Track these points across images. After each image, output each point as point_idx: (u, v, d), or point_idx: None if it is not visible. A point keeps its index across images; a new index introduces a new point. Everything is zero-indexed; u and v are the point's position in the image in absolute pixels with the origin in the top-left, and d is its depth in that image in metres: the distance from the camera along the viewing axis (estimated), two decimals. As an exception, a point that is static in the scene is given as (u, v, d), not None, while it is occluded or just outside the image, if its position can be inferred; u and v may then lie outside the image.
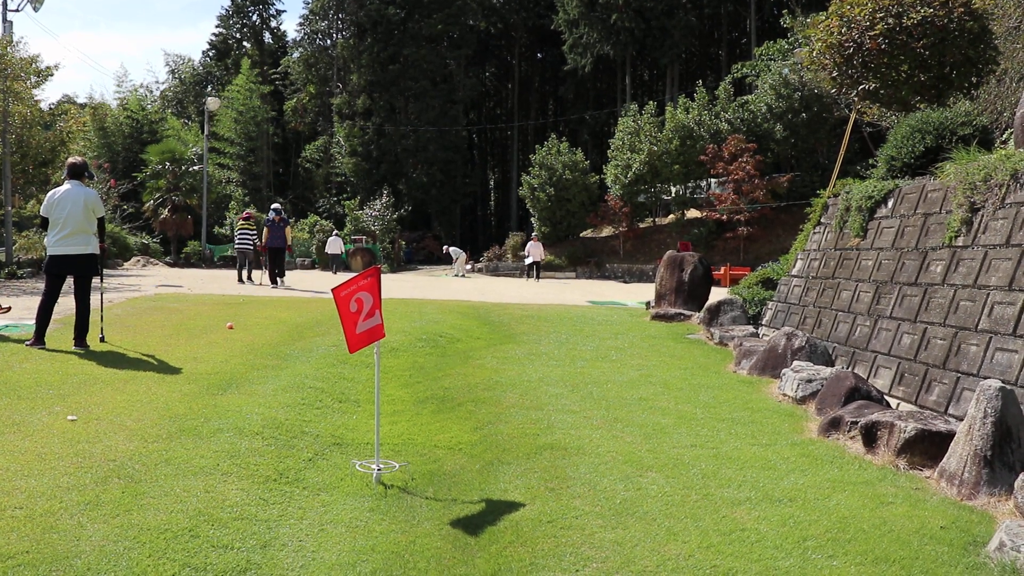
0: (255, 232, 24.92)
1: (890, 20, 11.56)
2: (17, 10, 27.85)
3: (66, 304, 14.25)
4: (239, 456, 5.71)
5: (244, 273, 23.35)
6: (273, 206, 23.21)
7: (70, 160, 10.15)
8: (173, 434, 6.13)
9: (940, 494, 5.26)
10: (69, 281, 9.79)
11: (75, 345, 9.70)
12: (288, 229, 23.31)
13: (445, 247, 41.30)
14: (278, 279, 22.40)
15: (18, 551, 4.03)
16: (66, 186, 9.82)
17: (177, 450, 5.74)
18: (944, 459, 5.54)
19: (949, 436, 5.72)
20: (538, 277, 34.83)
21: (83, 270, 9.84)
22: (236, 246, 24.32)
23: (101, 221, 10.04)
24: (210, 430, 6.29)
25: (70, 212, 9.63)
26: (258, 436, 6.23)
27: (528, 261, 35.68)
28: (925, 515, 4.85)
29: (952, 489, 5.28)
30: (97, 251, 9.98)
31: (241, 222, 25.03)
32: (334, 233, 38.33)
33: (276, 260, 22.75)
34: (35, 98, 25.39)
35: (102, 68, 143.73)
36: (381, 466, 5.61)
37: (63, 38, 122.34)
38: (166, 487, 5.01)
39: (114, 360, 9.06)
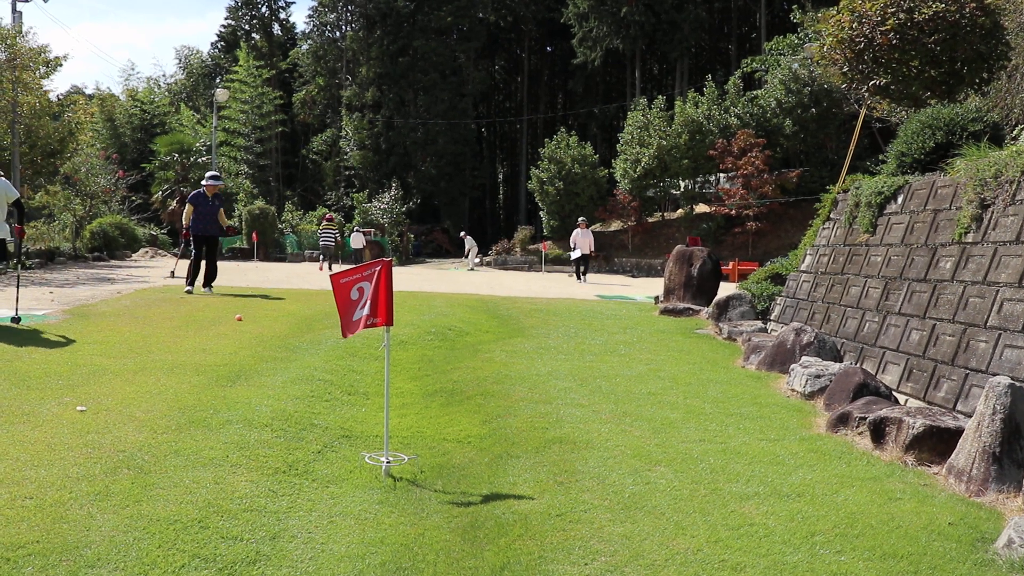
0: (336, 231, 30.93)
1: (901, 15, 11.52)
2: (26, 0, 27.92)
3: (74, 295, 14.33)
4: (248, 448, 5.73)
5: (326, 265, 28.62)
6: (208, 174, 16.41)
7: None
8: (182, 425, 6.15)
9: (948, 490, 5.26)
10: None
11: None
12: (222, 212, 16.12)
13: (462, 233, 41.31)
14: (203, 287, 15.55)
15: (28, 540, 4.05)
16: None
17: (186, 441, 5.76)
18: (952, 456, 5.53)
19: (958, 433, 5.71)
20: (584, 274, 27.64)
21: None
22: (320, 243, 30.51)
23: (18, 203, 10.75)
24: (219, 422, 6.30)
25: None
26: (267, 428, 6.25)
27: (575, 255, 27.85)
28: (933, 511, 4.85)
29: (960, 485, 5.28)
30: (8, 236, 10.73)
31: (324, 223, 31.00)
32: (356, 228, 38.50)
33: (208, 251, 15.69)
34: (44, 88, 25.49)
35: (111, 59, 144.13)
36: (390, 459, 5.62)
37: (73, 29, 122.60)
38: (175, 478, 5.03)
39: (123, 351, 9.08)
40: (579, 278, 27.41)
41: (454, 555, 4.34)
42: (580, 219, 28.87)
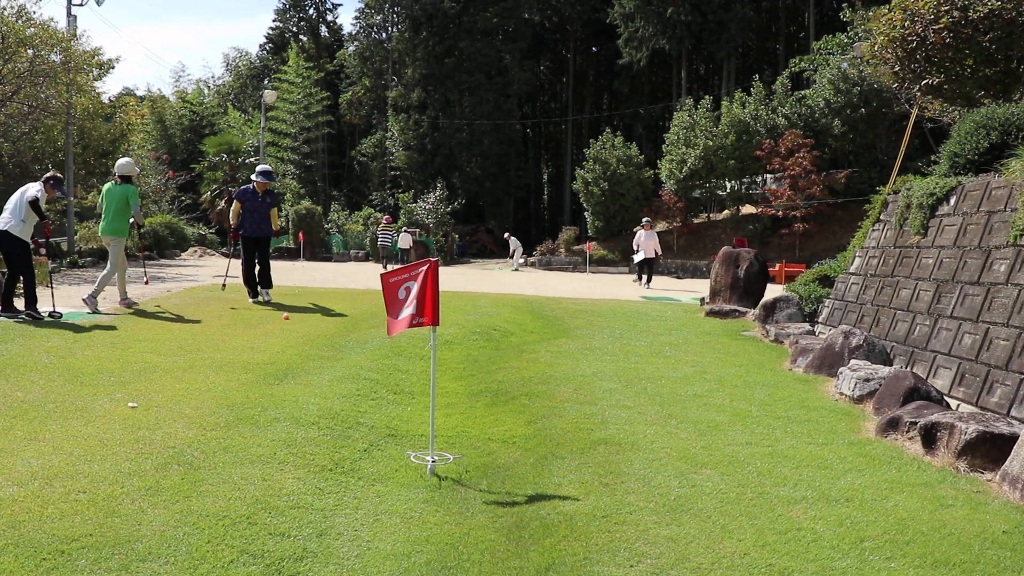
0: (393, 232, 33.74)
1: (955, 13, 11.33)
2: (81, 4, 28.38)
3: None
4: (295, 445, 5.78)
5: (385, 264, 31.07)
6: (259, 169, 14.52)
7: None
8: (231, 422, 6.23)
9: (1002, 498, 5.16)
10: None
11: (25, 311, 10.87)
12: (275, 212, 14.46)
13: (506, 234, 41.45)
14: (260, 290, 14.25)
15: (82, 534, 4.12)
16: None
17: (235, 438, 5.82)
18: (1007, 462, 5.42)
19: (1012, 439, 5.60)
20: (649, 280, 24.67)
21: (15, 247, 10.97)
22: (380, 243, 33.39)
23: (34, 204, 10.91)
24: (267, 419, 6.37)
25: (14, 199, 11.03)
26: (314, 426, 6.30)
27: (638, 258, 25.05)
28: (986, 519, 4.76)
29: (1015, 493, 5.17)
30: (25, 235, 11.04)
31: (384, 224, 34.08)
32: (404, 229, 38.73)
33: (260, 253, 14.26)
34: (96, 90, 25.91)
35: (161, 61, 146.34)
36: (435, 458, 5.64)
37: (125, 32, 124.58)
38: (224, 475, 5.09)
39: (173, 349, 9.20)
40: (645, 283, 24.52)
41: (499, 555, 4.35)
42: (644, 220, 26.06)
